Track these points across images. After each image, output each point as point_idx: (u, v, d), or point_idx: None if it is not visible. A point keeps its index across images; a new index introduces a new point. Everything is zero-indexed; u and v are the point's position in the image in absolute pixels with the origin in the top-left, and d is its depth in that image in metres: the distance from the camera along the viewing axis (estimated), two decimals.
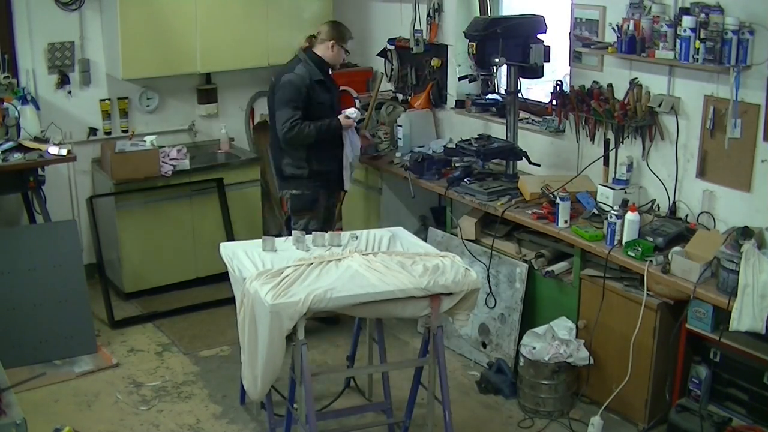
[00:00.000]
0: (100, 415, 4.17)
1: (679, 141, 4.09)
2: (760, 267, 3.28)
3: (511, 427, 4.10)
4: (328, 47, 4.68)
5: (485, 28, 4.45)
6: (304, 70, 4.60)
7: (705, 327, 3.59)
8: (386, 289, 3.29)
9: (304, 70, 4.60)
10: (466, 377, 4.54)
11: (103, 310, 5.13)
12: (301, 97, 4.54)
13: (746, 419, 3.67)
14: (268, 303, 3.19)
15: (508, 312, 4.44)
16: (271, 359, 3.30)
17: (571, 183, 4.34)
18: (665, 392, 3.88)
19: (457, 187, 4.67)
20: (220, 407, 4.25)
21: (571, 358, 4.04)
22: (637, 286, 3.86)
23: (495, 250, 4.48)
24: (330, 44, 4.68)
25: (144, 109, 5.77)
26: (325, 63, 4.71)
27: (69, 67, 5.41)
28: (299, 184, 4.70)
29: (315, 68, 4.65)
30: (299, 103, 4.53)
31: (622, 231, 3.85)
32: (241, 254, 3.64)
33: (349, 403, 4.22)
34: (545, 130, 4.86)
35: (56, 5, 5.28)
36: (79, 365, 4.60)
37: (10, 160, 4.74)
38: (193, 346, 4.88)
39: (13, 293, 4.56)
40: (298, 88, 4.53)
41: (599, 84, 4.43)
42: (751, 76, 3.67)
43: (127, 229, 5.34)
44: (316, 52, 4.70)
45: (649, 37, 4.00)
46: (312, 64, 4.65)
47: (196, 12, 5.47)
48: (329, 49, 4.68)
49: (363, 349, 4.24)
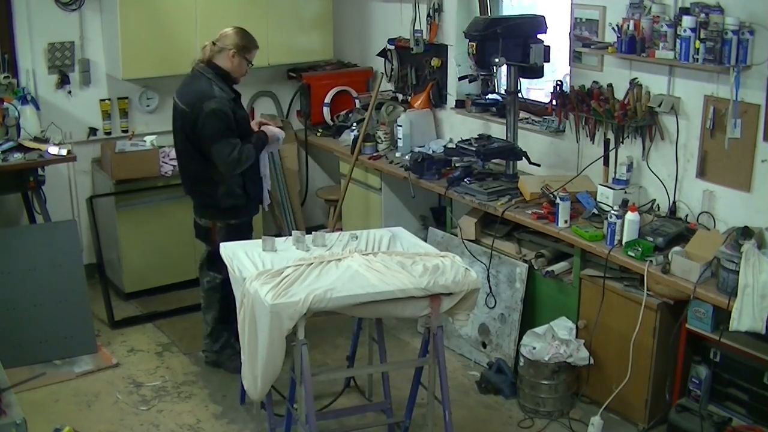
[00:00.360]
0: (100, 415, 4.17)
1: (679, 141, 4.09)
2: (760, 267, 3.28)
3: (511, 427, 4.10)
4: (229, 57, 4.21)
5: (485, 28, 4.45)
6: (220, 92, 4.14)
7: (705, 327, 3.59)
8: (386, 289, 3.29)
9: (221, 92, 4.14)
10: (466, 377, 4.54)
11: (103, 310, 5.14)
12: (232, 123, 4.14)
13: (746, 419, 3.67)
14: (268, 303, 3.19)
15: (508, 312, 4.44)
16: (271, 359, 3.30)
17: (571, 183, 4.34)
18: (665, 392, 3.88)
19: (457, 187, 4.67)
20: (220, 407, 4.25)
21: (571, 358, 4.04)
22: (637, 286, 3.86)
23: (495, 250, 4.48)
24: (230, 53, 4.20)
25: (144, 109, 5.77)
26: (229, 77, 4.24)
27: (69, 67, 5.41)
28: (237, 213, 4.35)
29: (225, 85, 4.19)
30: (233, 129, 4.15)
31: (622, 231, 3.85)
32: (241, 254, 3.64)
33: (349, 403, 4.22)
34: (545, 130, 4.86)
35: (56, 5, 5.29)
36: (79, 365, 4.60)
37: (10, 160, 4.74)
38: (193, 346, 4.88)
39: (13, 293, 4.56)
40: (226, 114, 4.11)
41: (599, 84, 4.43)
42: (751, 76, 3.67)
43: (127, 229, 5.34)
44: (218, 63, 4.22)
45: (649, 37, 4.00)
46: (221, 82, 4.18)
47: (196, 12, 5.48)
48: (230, 59, 4.21)
49: (363, 349, 4.24)
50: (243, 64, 4.26)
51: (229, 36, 4.24)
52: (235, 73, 4.26)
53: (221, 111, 4.10)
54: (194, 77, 4.26)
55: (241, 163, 4.17)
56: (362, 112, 5.73)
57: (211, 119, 4.09)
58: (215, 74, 4.21)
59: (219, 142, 4.11)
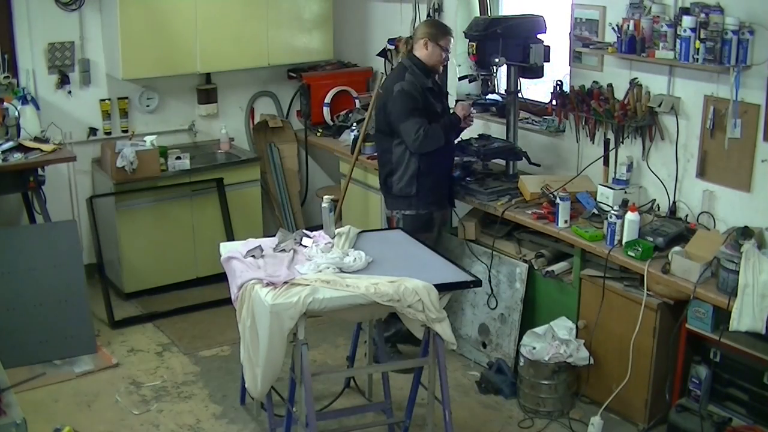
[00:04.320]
0: (100, 415, 4.17)
1: (679, 141, 4.09)
2: (760, 267, 3.28)
3: (511, 427, 4.10)
4: (422, 46, 4.36)
5: (485, 28, 4.45)
6: (412, 78, 4.30)
7: (705, 327, 3.59)
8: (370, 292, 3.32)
9: (413, 77, 4.31)
10: (466, 377, 4.54)
11: (103, 310, 5.14)
12: (420, 104, 4.28)
13: (746, 419, 3.67)
14: (268, 303, 3.19)
15: (508, 312, 4.44)
16: (272, 359, 3.31)
17: (571, 183, 4.34)
18: (665, 392, 3.88)
19: (457, 187, 4.67)
20: (220, 407, 4.25)
21: (571, 358, 4.04)
22: (637, 286, 3.86)
23: (495, 250, 4.48)
24: (422, 42, 4.35)
25: (144, 109, 5.77)
26: (426, 67, 4.37)
27: (69, 67, 5.41)
28: (410, 204, 4.42)
29: (420, 74, 4.34)
30: (421, 110, 4.27)
31: (622, 231, 3.85)
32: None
33: (349, 403, 4.22)
34: (545, 130, 4.86)
35: (56, 5, 5.28)
36: (79, 365, 4.60)
37: (10, 160, 4.74)
38: (193, 346, 4.88)
39: (13, 293, 4.55)
40: (413, 95, 4.26)
41: (599, 84, 4.43)
42: (751, 76, 3.67)
43: (127, 229, 5.34)
44: (415, 53, 4.39)
45: (649, 37, 4.00)
46: (418, 71, 4.34)
47: (196, 12, 5.48)
48: (423, 48, 4.36)
49: (363, 349, 4.24)
50: (436, 51, 4.36)
51: (420, 26, 4.50)
52: (430, 61, 4.38)
53: (407, 92, 4.26)
54: (396, 68, 4.54)
55: (427, 141, 4.25)
56: (362, 112, 5.73)
57: (398, 99, 4.27)
58: (412, 63, 4.37)
59: (405, 121, 4.26)
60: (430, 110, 4.35)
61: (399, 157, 4.38)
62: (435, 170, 4.42)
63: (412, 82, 4.29)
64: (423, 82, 4.34)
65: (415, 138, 4.24)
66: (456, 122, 4.44)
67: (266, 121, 6.21)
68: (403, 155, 4.37)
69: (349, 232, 3.86)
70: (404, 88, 4.27)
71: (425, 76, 4.37)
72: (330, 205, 3.91)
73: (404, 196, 4.42)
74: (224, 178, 5.61)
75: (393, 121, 4.33)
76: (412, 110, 4.25)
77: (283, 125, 6.28)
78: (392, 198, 4.49)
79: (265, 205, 6.14)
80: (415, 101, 4.27)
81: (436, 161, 4.40)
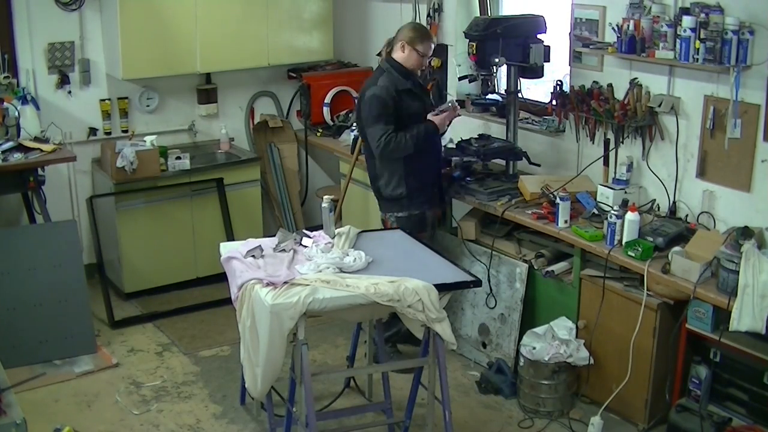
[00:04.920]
0: (100, 415, 4.17)
1: (679, 141, 4.09)
2: (760, 267, 3.28)
3: (511, 427, 4.10)
4: (399, 49, 4.35)
5: (485, 28, 4.45)
6: (387, 81, 4.29)
7: (705, 327, 3.59)
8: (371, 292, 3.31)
9: (387, 80, 4.30)
10: (466, 377, 4.54)
11: (103, 310, 5.14)
12: (390, 110, 4.26)
13: (746, 419, 3.67)
14: (268, 303, 3.19)
15: (508, 312, 4.44)
16: (272, 359, 3.31)
17: (571, 183, 4.34)
18: (665, 392, 3.88)
19: (457, 187, 4.67)
20: (220, 407, 4.25)
21: (571, 358, 4.04)
22: (637, 286, 3.86)
23: (495, 250, 4.47)
24: (400, 45, 4.34)
25: (144, 109, 5.77)
26: (405, 69, 4.36)
27: (69, 67, 5.41)
28: (401, 206, 4.42)
29: (399, 76, 4.33)
30: (389, 116, 4.25)
31: (622, 231, 3.85)
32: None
33: (349, 403, 4.22)
34: (545, 130, 4.86)
35: (56, 5, 5.28)
36: (79, 365, 4.60)
37: (10, 160, 4.74)
38: (193, 346, 4.88)
39: (13, 293, 4.55)
40: (383, 101, 4.24)
41: (599, 84, 4.43)
42: (751, 76, 3.67)
43: (127, 229, 5.34)
44: (394, 56, 4.38)
45: (649, 37, 4.00)
46: (395, 73, 4.33)
47: (196, 12, 5.48)
48: (400, 50, 4.35)
49: (363, 349, 4.24)
50: (413, 55, 4.35)
51: (402, 29, 4.43)
52: (407, 64, 4.36)
53: (379, 97, 4.25)
54: (375, 71, 4.51)
55: (390, 148, 4.24)
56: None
57: (368, 103, 4.28)
58: (390, 66, 4.36)
59: (372, 126, 4.27)
60: (405, 113, 4.31)
61: (382, 162, 4.39)
62: (422, 170, 4.42)
63: (384, 87, 4.27)
64: (400, 84, 4.32)
65: (377, 144, 4.25)
66: (432, 131, 4.37)
67: (266, 121, 6.21)
68: None
69: (349, 232, 3.86)
70: (375, 93, 4.26)
71: (404, 77, 4.34)
72: (330, 205, 3.91)
73: (395, 198, 4.42)
74: (224, 178, 5.61)
75: (363, 126, 4.37)
76: (378, 116, 4.24)
77: (283, 125, 6.27)
78: (384, 201, 4.50)
79: (265, 205, 6.14)
80: (384, 107, 4.25)
81: (421, 161, 4.39)
